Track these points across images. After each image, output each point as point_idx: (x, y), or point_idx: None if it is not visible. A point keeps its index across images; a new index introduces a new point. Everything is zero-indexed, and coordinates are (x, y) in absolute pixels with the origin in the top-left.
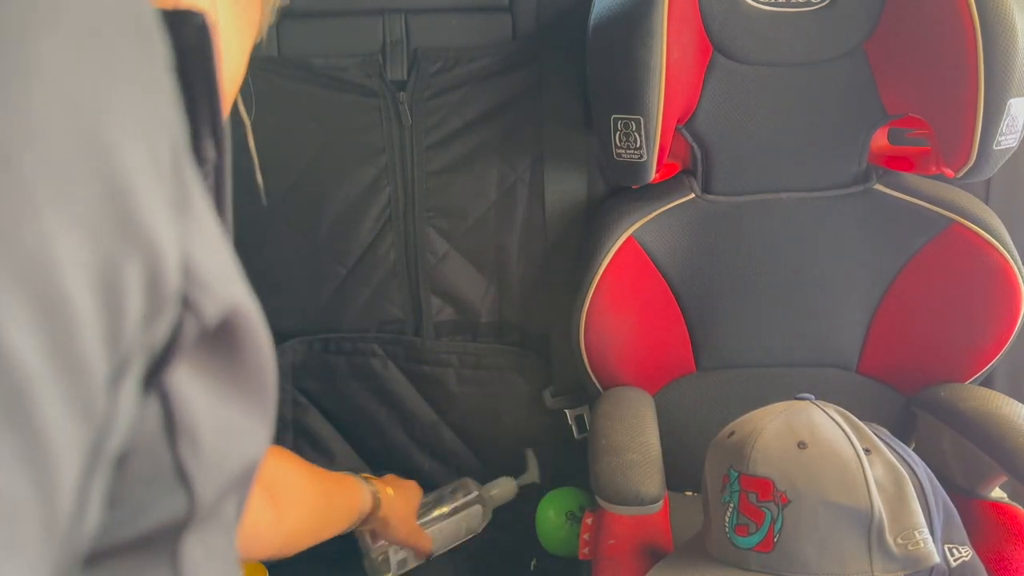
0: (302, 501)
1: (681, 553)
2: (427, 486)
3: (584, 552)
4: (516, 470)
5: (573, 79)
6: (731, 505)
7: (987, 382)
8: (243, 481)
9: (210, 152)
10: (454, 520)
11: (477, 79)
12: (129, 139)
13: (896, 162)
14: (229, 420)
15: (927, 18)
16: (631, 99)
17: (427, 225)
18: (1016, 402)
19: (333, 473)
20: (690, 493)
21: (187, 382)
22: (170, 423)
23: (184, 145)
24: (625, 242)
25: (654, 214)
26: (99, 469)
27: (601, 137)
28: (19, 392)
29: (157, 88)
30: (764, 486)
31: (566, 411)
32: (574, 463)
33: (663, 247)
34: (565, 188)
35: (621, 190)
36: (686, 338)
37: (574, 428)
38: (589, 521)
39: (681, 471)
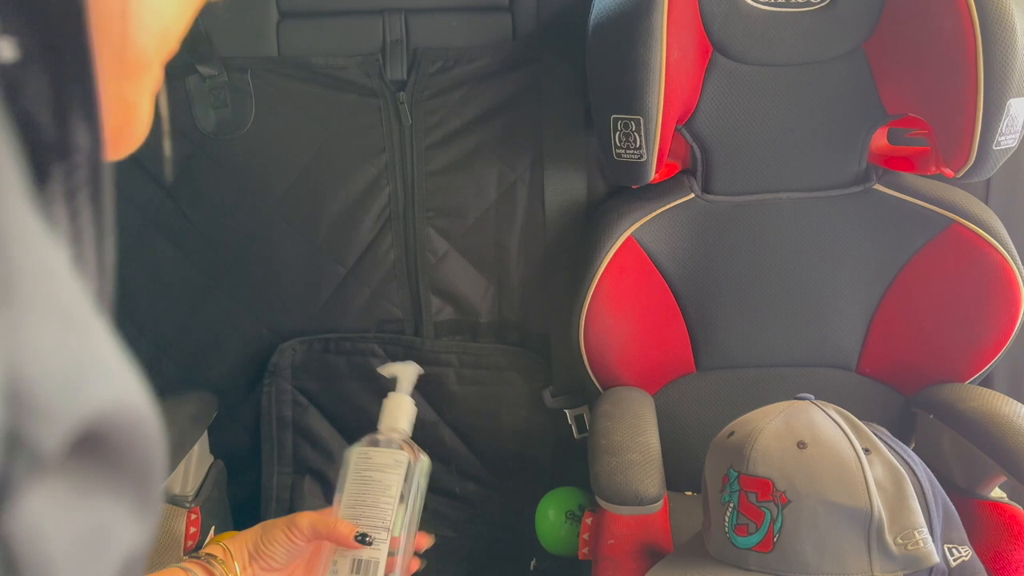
0: None
1: (681, 553)
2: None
3: (584, 552)
4: (515, 470)
5: (573, 79)
6: (731, 505)
7: (987, 382)
8: None
9: (82, 138)
10: (347, 477)
11: (477, 79)
12: None
13: (896, 162)
14: (97, 526)
15: (927, 18)
16: (631, 99)
17: (427, 225)
18: (1016, 402)
19: None
20: (690, 493)
21: (32, 507)
22: (12, 568)
23: (12, 184)
24: (625, 242)
25: (654, 214)
26: None
27: (601, 137)
28: None
29: None
30: (764, 486)
31: (566, 411)
32: (574, 463)
33: (663, 247)
34: (565, 188)
35: (621, 190)
36: (686, 338)
37: (574, 428)
38: (589, 521)
39: (681, 471)
